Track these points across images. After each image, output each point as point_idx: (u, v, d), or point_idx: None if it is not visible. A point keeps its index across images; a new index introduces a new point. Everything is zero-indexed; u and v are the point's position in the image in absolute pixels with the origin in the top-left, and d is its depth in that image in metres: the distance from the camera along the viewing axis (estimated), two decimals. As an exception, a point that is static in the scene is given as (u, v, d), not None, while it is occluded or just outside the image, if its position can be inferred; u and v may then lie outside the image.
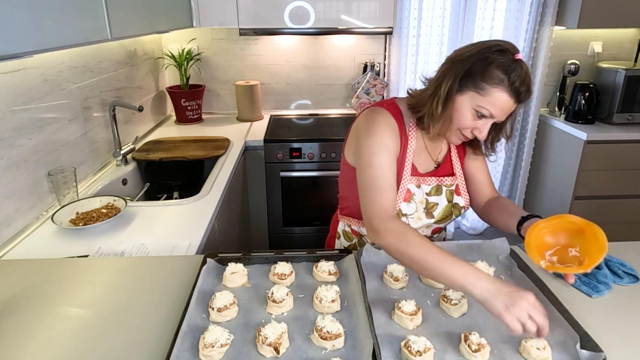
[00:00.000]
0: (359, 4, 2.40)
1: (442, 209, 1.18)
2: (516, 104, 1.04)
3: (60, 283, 1.09)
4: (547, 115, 3.01)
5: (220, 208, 1.66)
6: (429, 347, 0.83)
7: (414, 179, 1.17)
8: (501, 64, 1.01)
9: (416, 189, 1.16)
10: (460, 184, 1.23)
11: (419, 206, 1.16)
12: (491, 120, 1.07)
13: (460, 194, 1.22)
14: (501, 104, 1.03)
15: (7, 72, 1.33)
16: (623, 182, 2.74)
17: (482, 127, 1.07)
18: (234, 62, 2.87)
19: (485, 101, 1.03)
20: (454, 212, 1.22)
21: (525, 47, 2.87)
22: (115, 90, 2.06)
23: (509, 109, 1.04)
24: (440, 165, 1.22)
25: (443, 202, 1.19)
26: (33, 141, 1.45)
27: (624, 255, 1.19)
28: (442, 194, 1.19)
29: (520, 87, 1.02)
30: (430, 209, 1.17)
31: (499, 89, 1.01)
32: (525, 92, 1.03)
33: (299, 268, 1.12)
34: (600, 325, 0.94)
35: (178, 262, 1.19)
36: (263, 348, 0.84)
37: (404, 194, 1.15)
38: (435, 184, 1.19)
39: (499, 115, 1.05)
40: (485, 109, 1.04)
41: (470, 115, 1.06)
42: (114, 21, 1.38)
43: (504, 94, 1.02)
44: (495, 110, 1.03)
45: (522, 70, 1.02)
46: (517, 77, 1.01)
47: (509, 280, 1.09)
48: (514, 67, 1.01)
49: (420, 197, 1.17)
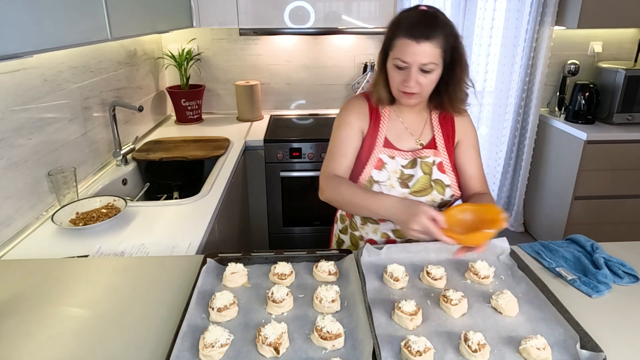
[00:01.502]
0: (359, 4, 2.40)
1: (417, 180, 1.21)
2: (420, 42, 1.09)
3: (60, 283, 1.09)
4: (547, 115, 3.01)
5: (220, 208, 1.66)
6: (429, 347, 0.83)
7: (387, 150, 1.24)
8: (398, 19, 1.14)
9: (389, 159, 1.24)
10: (445, 162, 1.24)
11: (391, 175, 1.22)
12: (411, 68, 1.12)
13: (444, 171, 1.24)
14: (404, 48, 1.10)
15: (7, 72, 1.33)
16: (623, 182, 2.74)
17: (406, 77, 1.13)
18: (234, 62, 2.87)
19: (395, 53, 1.13)
20: (436, 187, 1.23)
21: (525, 47, 2.88)
22: (115, 90, 2.06)
23: (416, 50, 1.09)
24: (425, 147, 1.26)
25: (419, 173, 1.22)
26: (33, 141, 1.45)
27: (624, 255, 1.19)
28: (417, 166, 1.22)
29: (413, 26, 1.09)
30: (405, 180, 1.22)
31: (398, 36, 1.11)
32: (421, 28, 1.09)
33: (299, 268, 1.12)
34: (600, 325, 0.94)
35: (178, 262, 1.19)
36: (263, 348, 0.84)
37: (375, 162, 1.24)
38: (412, 158, 1.24)
39: (412, 59, 1.10)
40: (397, 59, 1.12)
41: (394, 73, 1.16)
42: (114, 21, 1.38)
43: (402, 39, 1.10)
44: (404, 56, 1.11)
45: (414, 12, 1.12)
46: (407, 19, 1.11)
47: (509, 280, 1.09)
48: (409, 14, 1.12)
49: (394, 167, 1.23)
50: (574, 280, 1.09)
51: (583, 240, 1.26)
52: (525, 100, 3.03)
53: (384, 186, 1.23)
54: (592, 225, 2.82)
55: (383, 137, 1.25)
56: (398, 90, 1.18)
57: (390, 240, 1.32)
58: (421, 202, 1.04)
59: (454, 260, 1.16)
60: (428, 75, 1.14)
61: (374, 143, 1.25)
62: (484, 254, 1.17)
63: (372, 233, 1.34)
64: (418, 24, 1.10)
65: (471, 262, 1.11)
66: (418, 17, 1.11)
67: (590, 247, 1.22)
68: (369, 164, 1.24)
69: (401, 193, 1.23)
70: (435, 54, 1.11)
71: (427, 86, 1.17)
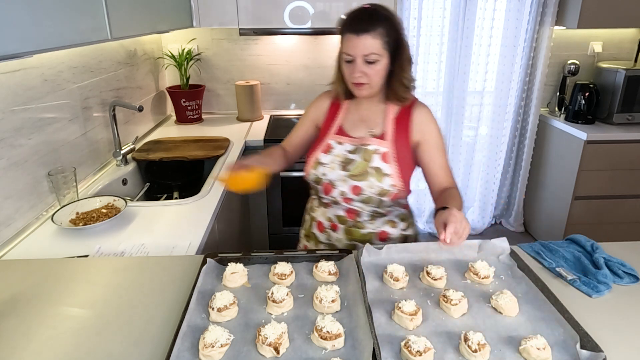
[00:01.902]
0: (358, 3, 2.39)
1: (356, 164, 1.30)
2: (360, 35, 1.18)
3: (60, 283, 1.09)
4: (547, 115, 3.01)
5: (220, 208, 1.66)
6: (429, 347, 0.83)
7: (337, 137, 1.36)
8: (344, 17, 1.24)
9: (337, 144, 1.34)
10: (390, 153, 1.29)
11: (335, 158, 1.33)
12: (356, 60, 1.21)
13: (387, 162, 1.29)
14: (348, 42, 1.21)
15: (7, 72, 1.33)
16: (623, 182, 2.74)
17: (354, 69, 1.23)
18: (234, 62, 2.87)
19: (342, 49, 1.24)
20: (375, 175, 1.28)
21: (525, 47, 2.88)
22: (115, 90, 2.06)
23: (357, 43, 1.19)
24: (375, 137, 1.33)
25: (358, 159, 1.30)
26: (33, 141, 1.45)
27: (624, 255, 1.19)
28: (358, 153, 1.31)
29: (353, 21, 1.21)
30: (346, 164, 1.31)
31: (343, 32, 1.23)
32: (361, 22, 1.19)
33: (299, 268, 1.12)
34: (600, 325, 0.94)
35: (178, 262, 1.19)
36: (263, 348, 0.84)
37: (325, 146, 1.35)
38: (357, 145, 1.32)
39: (355, 52, 1.20)
40: (344, 53, 1.23)
41: (345, 67, 1.26)
42: (114, 21, 1.38)
43: (346, 35, 1.21)
44: (349, 49, 1.21)
45: (357, 11, 1.23)
46: (349, 16, 1.23)
47: (509, 280, 1.09)
48: (352, 12, 1.24)
49: (340, 151, 1.33)
50: (574, 280, 1.09)
51: (583, 240, 1.26)
52: (525, 100, 3.03)
53: (327, 167, 1.33)
54: (592, 225, 2.82)
55: (337, 126, 1.37)
56: (350, 82, 1.27)
57: (333, 224, 1.39)
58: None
59: (454, 260, 1.16)
60: (373, 66, 1.22)
61: (328, 131, 1.38)
62: (484, 254, 1.18)
63: (321, 216, 1.42)
64: (358, 19, 1.21)
65: (471, 262, 1.12)
66: (359, 14, 1.23)
67: (590, 247, 1.22)
68: (318, 148, 1.36)
69: (340, 175, 1.31)
70: (376, 45, 1.20)
71: (374, 76, 1.24)
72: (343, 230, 1.37)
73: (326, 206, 1.39)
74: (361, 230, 1.36)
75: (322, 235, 1.42)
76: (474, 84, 3.03)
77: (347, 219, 1.36)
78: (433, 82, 3.02)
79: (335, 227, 1.38)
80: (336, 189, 1.32)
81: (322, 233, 1.42)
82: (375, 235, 1.37)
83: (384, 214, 1.36)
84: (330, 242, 1.41)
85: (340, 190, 1.31)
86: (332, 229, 1.39)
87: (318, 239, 1.44)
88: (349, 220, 1.36)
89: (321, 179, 1.33)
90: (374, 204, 1.32)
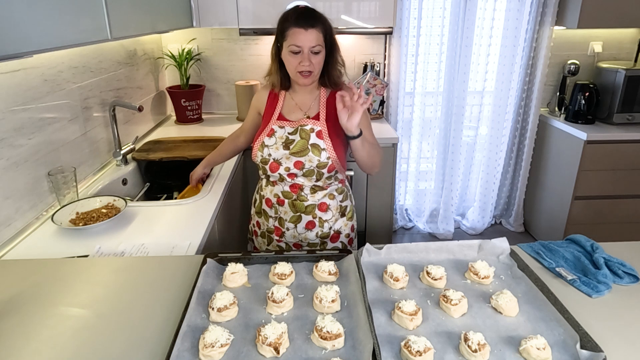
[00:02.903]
0: (359, 4, 2.40)
1: (296, 143, 1.47)
2: (308, 29, 1.36)
3: (60, 283, 1.09)
4: (547, 115, 3.01)
5: (220, 208, 1.66)
6: (429, 347, 0.83)
7: (279, 122, 1.52)
8: (286, 15, 1.41)
9: (279, 128, 1.51)
10: (324, 130, 1.47)
11: (278, 140, 1.49)
12: (304, 50, 1.38)
13: (322, 138, 1.47)
14: (297, 35, 1.37)
15: (7, 72, 1.33)
16: (623, 182, 2.74)
17: (302, 59, 1.39)
18: (234, 62, 2.87)
19: (289, 41, 1.38)
20: (312, 150, 1.45)
21: (525, 47, 2.88)
22: (115, 90, 2.06)
23: (306, 36, 1.37)
24: (311, 118, 1.51)
25: (298, 138, 1.48)
26: (33, 141, 1.45)
27: (624, 255, 1.19)
28: (297, 133, 1.48)
29: (299, 17, 1.37)
30: (288, 143, 1.48)
31: (289, 27, 1.38)
32: (306, 18, 1.37)
33: (299, 268, 1.12)
34: (600, 325, 0.94)
35: (178, 262, 1.19)
36: (263, 348, 0.84)
37: (269, 131, 1.51)
38: (296, 126, 1.50)
39: (304, 43, 1.37)
40: (293, 45, 1.38)
41: (291, 58, 1.40)
42: (114, 21, 1.38)
43: (293, 29, 1.37)
44: (299, 41, 1.37)
45: (299, 9, 1.40)
46: (293, 13, 1.40)
47: (509, 280, 1.09)
48: (294, 11, 1.40)
49: (281, 134, 1.50)
50: (573, 280, 1.09)
51: (583, 240, 1.26)
52: (525, 100, 3.03)
53: (271, 149, 1.49)
54: (592, 225, 2.82)
55: (278, 113, 1.54)
56: (296, 72, 1.42)
57: (280, 200, 1.53)
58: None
59: (454, 260, 1.17)
60: (317, 57, 1.40)
61: (270, 118, 1.54)
62: (484, 254, 1.18)
63: (269, 194, 1.56)
64: (304, 16, 1.38)
65: (471, 262, 1.12)
66: (302, 11, 1.39)
67: (590, 247, 1.22)
68: (263, 133, 1.52)
69: (284, 154, 1.48)
70: (319, 38, 1.39)
71: (317, 65, 1.42)
72: (288, 204, 1.53)
73: (273, 184, 1.54)
74: (304, 203, 1.52)
75: (271, 211, 1.57)
76: (474, 84, 3.03)
77: (291, 193, 1.51)
78: (433, 82, 3.02)
79: (282, 202, 1.53)
80: (281, 166, 1.48)
81: (271, 208, 1.57)
82: (316, 207, 1.53)
83: (324, 188, 1.53)
84: (278, 216, 1.55)
85: (285, 166, 1.47)
86: (279, 204, 1.54)
87: (268, 214, 1.58)
88: (293, 194, 1.51)
89: (267, 159, 1.49)
90: (315, 177, 1.49)
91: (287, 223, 1.54)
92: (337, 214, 1.56)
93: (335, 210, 1.56)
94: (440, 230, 3.25)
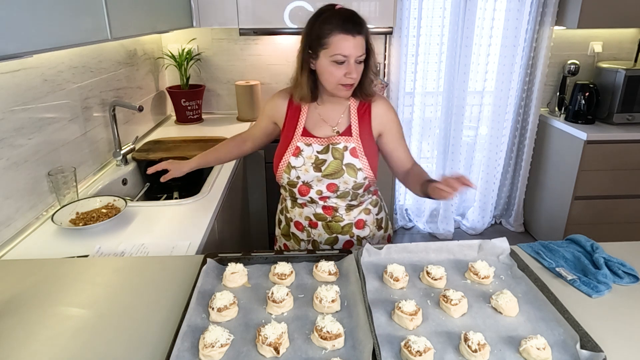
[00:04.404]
0: (358, 3, 2.40)
1: (328, 164, 1.32)
2: (355, 36, 1.21)
3: (60, 283, 1.09)
4: (547, 115, 3.01)
5: (220, 208, 1.66)
6: (429, 347, 0.83)
7: (304, 138, 1.36)
8: (325, 19, 1.22)
9: (305, 146, 1.35)
10: (358, 148, 1.33)
11: (306, 160, 1.34)
12: (350, 60, 1.22)
13: (357, 156, 1.33)
14: (343, 43, 1.20)
15: (7, 72, 1.33)
16: (623, 182, 2.74)
17: (349, 70, 1.23)
18: (234, 62, 2.87)
19: (333, 50, 1.21)
20: (348, 170, 1.32)
21: (525, 47, 2.88)
22: (115, 90, 2.06)
23: (353, 44, 1.21)
24: (341, 134, 1.36)
25: (330, 158, 1.33)
26: (33, 141, 1.45)
27: (624, 255, 1.19)
28: (329, 152, 1.33)
29: (345, 23, 1.20)
30: (318, 164, 1.33)
31: (332, 33, 1.21)
32: (354, 24, 1.21)
33: (299, 268, 1.12)
34: (600, 325, 0.94)
35: (178, 262, 1.19)
36: (263, 348, 0.84)
37: (293, 149, 1.36)
38: (326, 144, 1.34)
39: (351, 52, 1.21)
40: (338, 55, 1.21)
41: (334, 69, 1.23)
42: (114, 21, 1.38)
43: (338, 35, 1.20)
44: (346, 50, 1.21)
45: (342, 12, 1.23)
46: (335, 16, 1.22)
47: (509, 280, 1.09)
48: (335, 13, 1.23)
49: (310, 153, 1.34)
50: (573, 280, 1.09)
51: (583, 241, 1.26)
52: (525, 100, 3.03)
53: (299, 170, 1.34)
54: (592, 225, 2.82)
55: (302, 128, 1.37)
56: (338, 84, 1.26)
57: (312, 222, 1.42)
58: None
59: (454, 260, 1.17)
60: (360, 66, 1.26)
61: (293, 133, 1.37)
62: (484, 254, 1.18)
63: (298, 216, 1.44)
64: (349, 21, 1.21)
65: (471, 262, 1.12)
66: (346, 15, 1.23)
67: (590, 247, 1.22)
68: (287, 152, 1.36)
69: (315, 176, 1.34)
70: (364, 46, 1.24)
71: (359, 76, 1.28)
72: (322, 226, 1.42)
73: (302, 206, 1.42)
74: (340, 223, 1.41)
75: (302, 234, 1.47)
76: (474, 84, 3.03)
77: (325, 215, 1.40)
78: (433, 82, 3.02)
79: (315, 225, 1.43)
80: (312, 190, 1.36)
81: (302, 232, 1.46)
82: (353, 225, 1.43)
83: (359, 205, 1.42)
84: (311, 239, 1.45)
85: (317, 189, 1.35)
86: (312, 227, 1.43)
87: (299, 238, 1.48)
88: (327, 216, 1.40)
89: (296, 182, 1.36)
90: (350, 198, 1.37)
91: (322, 245, 1.43)
92: (374, 229, 1.47)
93: (372, 225, 1.46)
94: (440, 230, 3.25)
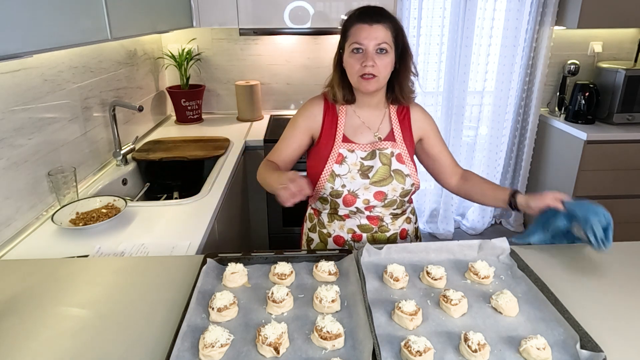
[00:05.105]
0: (359, 3, 2.39)
1: (376, 170, 1.28)
2: (373, 25, 1.19)
3: (60, 283, 1.09)
4: (547, 115, 3.01)
5: (220, 208, 1.66)
6: (429, 347, 0.83)
7: (346, 144, 1.30)
8: (350, 14, 1.26)
9: (349, 153, 1.30)
10: (403, 153, 1.31)
11: (351, 167, 1.29)
12: (367, 49, 1.20)
13: (403, 162, 1.30)
14: (359, 32, 1.20)
15: (7, 72, 1.33)
16: (623, 182, 2.74)
17: (367, 59, 1.20)
18: (234, 62, 2.87)
19: (351, 40, 1.22)
20: (395, 177, 1.29)
21: (525, 47, 2.88)
22: (115, 90, 2.06)
23: (369, 32, 1.20)
24: (383, 140, 1.32)
25: (377, 164, 1.29)
26: (33, 141, 1.45)
27: (624, 255, 1.19)
28: (376, 157, 1.29)
29: (363, 14, 1.22)
30: (365, 171, 1.28)
31: (352, 25, 1.22)
32: (372, 14, 1.21)
33: (299, 268, 1.12)
34: (600, 325, 0.94)
35: (178, 262, 1.19)
36: (263, 348, 0.84)
37: (336, 157, 1.30)
38: (371, 150, 1.30)
39: (368, 42, 1.20)
40: (354, 44, 1.21)
41: (352, 59, 1.22)
42: (114, 21, 1.38)
43: (356, 25, 1.21)
44: (361, 39, 1.20)
45: (365, 6, 1.25)
46: (357, 9, 1.24)
47: (509, 280, 1.09)
48: (359, 8, 1.25)
49: (354, 160, 1.29)
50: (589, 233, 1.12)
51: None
52: (525, 100, 3.03)
53: (345, 179, 1.28)
54: (592, 225, 2.81)
55: (341, 134, 1.32)
56: (358, 76, 1.23)
57: (356, 235, 1.36)
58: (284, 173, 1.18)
59: (454, 260, 1.17)
60: (383, 58, 1.21)
61: (333, 140, 1.31)
62: (484, 254, 1.18)
63: (339, 229, 1.37)
64: (370, 12, 1.22)
65: (471, 262, 1.12)
66: (366, 7, 1.24)
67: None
68: (330, 160, 1.30)
69: (362, 184, 1.28)
70: (387, 36, 1.21)
71: (383, 69, 1.23)
72: (367, 238, 1.35)
73: (343, 218, 1.35)
74: (386, 234, 1.36)
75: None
76: (474, 84, 3.03)
77: (370, 226, 1.34)
78: (433, 82, 3.02)
79: (359, 238, 1.35)
80: (358, 199, 1.29)
81: (343, 247, 1.38)
82: (398, 235, 1.38)
83: (402, 213, 1.38)
84: None
85: (364, 198, 1.29)
86: (355, 240, 1.35)
87: None
88: (373, 226, 1.34)
89: (341, 192, 1.28)
90: (395, 206, 1.32)
91: None
92: (413, 238, 1.43)
93: (412, 234, 1.42)
94: (440, 230, 3.25)
